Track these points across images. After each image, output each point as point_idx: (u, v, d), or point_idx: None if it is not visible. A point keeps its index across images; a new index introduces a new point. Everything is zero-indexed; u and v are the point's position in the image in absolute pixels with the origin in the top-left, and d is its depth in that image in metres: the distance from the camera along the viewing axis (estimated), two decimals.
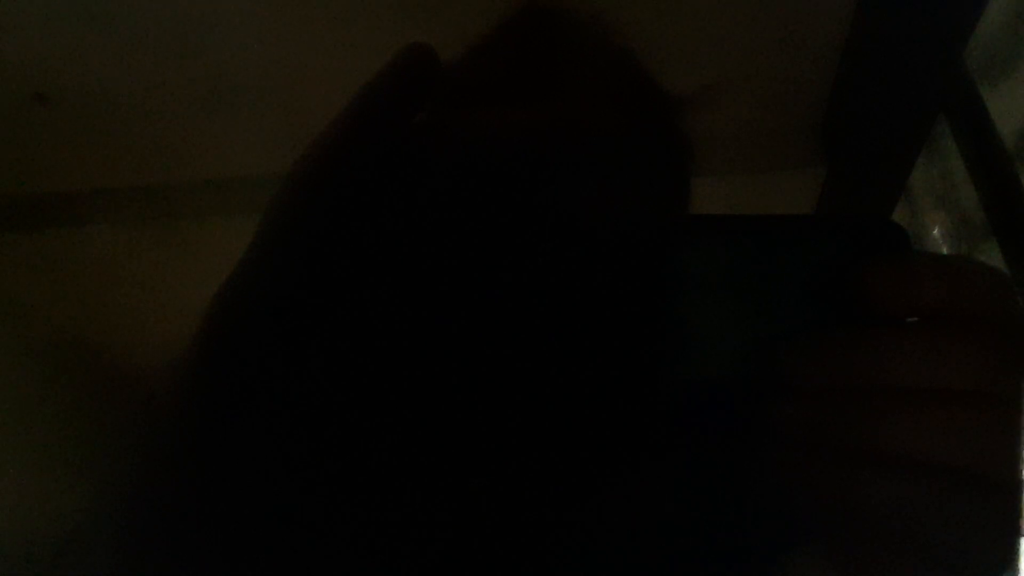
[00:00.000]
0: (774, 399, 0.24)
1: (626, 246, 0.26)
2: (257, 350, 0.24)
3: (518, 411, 0.28)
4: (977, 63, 0.93)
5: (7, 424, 1.29)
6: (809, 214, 0.29)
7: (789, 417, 0.23)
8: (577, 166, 0.28)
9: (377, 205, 0.25)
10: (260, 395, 0.24)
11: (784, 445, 0.24)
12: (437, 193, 0.26)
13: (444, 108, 0.29)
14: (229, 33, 0.89)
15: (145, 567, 0.24)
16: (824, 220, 0.27)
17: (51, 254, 1.27)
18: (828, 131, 1.06)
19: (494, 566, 0.30)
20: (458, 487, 0.29)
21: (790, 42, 0.93)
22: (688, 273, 0.25)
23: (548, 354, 0.28)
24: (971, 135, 0.90)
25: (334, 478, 0.26)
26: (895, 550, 0.23)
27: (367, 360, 0.25)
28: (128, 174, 1.14)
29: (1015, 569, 0.24)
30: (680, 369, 0.25)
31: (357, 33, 0.88)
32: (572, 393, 0.28)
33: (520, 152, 0.26)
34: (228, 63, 0.94)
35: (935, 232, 1.12)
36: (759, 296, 0.25)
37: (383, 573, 0.27)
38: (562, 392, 0.28)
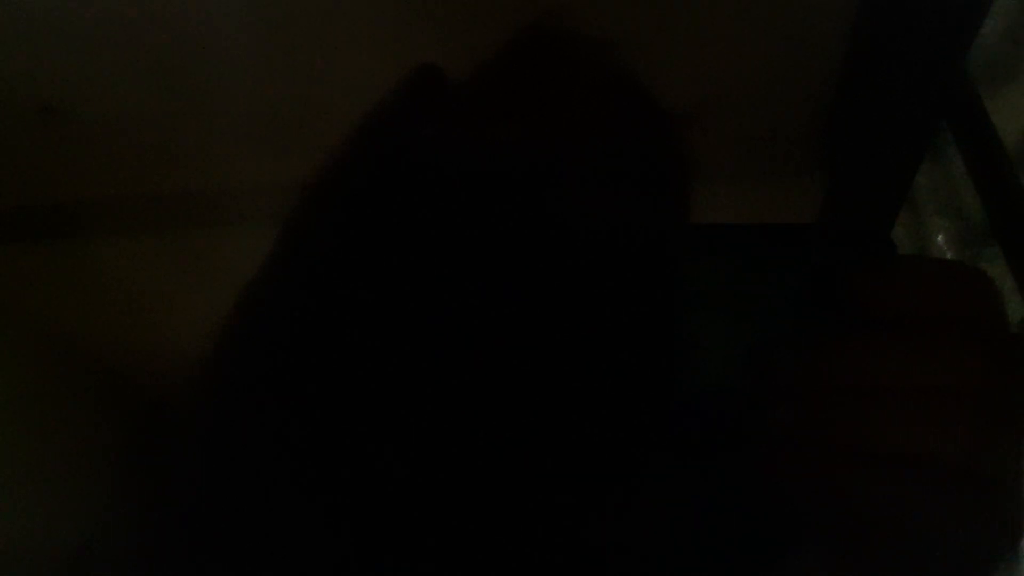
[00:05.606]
0: (769, 403, 0.24)
1: (626, 256, 0.27)
2: (277, 355, 0.25)
3: (519, 421, 0.29)
4: (979, 70, 0.93)
5: (17, 432, 1.30)
6: (795, 223, 0.30)
7: (785, 420, 0.24)
8: (578, 178, 0.28)
9: (389, 215, 0.26)
10: (279, 400, 0.25)
11: (781, 448, 0.24)
12: (444, 205, 0.26)
13: (452, 124, 0.30)
14: (238, 45, 0.90)
15: (160, 573, 0.25)
16: (811, 228, 0.28)
17: (58, 265, 1.28)
18: (830, 138, 1.06)
19: (500, 572, 0.30)
20: (463, 494, 0.29)
21: (792, 49, 0.94)
22: (685, 280, 0.26)
23: (548, 363, 0.28)
24: (973, 141, 0.91)
25: (351, 482, 0.26)
26: (894, 550, 0.24)
27: (382, 366, 0.26)
28: (135, 185, 1.15)
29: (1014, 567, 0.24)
30: (677, 375, 0.26)
31: (366, 51, 0.89)
32: (572, 402, 0.29)
33: (523, 165, 0.27)
34: (237, 74, 0.94)
35: (938, 238, 1.12)
36: (752, 303, 0.26)
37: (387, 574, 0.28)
38: (562, 401, 0.29)
